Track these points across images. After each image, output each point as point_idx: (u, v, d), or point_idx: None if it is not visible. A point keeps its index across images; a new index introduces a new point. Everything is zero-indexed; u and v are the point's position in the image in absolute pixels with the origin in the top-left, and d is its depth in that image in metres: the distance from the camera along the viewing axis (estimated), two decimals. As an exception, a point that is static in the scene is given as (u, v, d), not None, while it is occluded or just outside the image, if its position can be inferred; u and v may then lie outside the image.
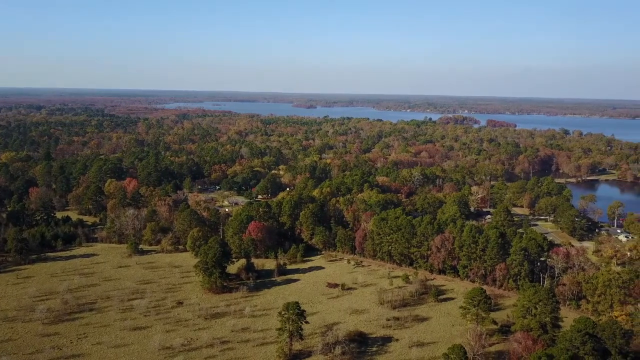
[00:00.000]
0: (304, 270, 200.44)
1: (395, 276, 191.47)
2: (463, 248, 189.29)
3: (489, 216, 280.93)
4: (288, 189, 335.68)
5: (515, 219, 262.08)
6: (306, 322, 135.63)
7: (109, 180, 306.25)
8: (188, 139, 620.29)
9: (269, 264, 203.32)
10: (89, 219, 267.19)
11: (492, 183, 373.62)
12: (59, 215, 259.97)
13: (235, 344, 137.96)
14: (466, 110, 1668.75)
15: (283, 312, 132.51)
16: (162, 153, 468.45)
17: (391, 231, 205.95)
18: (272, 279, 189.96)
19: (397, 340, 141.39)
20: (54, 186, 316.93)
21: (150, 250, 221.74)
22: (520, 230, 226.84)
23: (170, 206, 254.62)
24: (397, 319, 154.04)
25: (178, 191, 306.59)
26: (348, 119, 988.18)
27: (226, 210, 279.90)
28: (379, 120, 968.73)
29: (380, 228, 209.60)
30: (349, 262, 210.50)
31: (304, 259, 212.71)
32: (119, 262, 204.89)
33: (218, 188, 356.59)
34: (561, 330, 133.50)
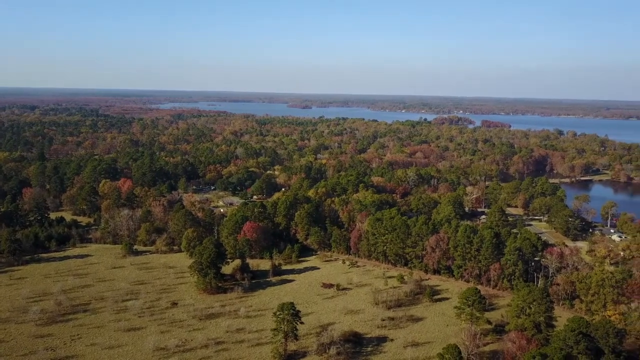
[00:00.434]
0: (299, 271, 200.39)
1: (390, 276, 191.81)
2: (458, 248, 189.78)
3: (484, 216, 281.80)
4: (283, 190, 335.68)
5: (510, 219, 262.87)
6: (301, 323, 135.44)
7: (104, 180, 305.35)
8: (183, 139, 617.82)
9: (264, 264, 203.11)
10: (83, 220, 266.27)
11: (487, 183, 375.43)
12: (52, 215, 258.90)
13: (230, 344, 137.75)
14: (461, 111, 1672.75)
15: (278, 313, 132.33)
16: (157, 153, 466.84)
17: (386, 231, 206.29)
18: (267, 279, 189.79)
19: (392, 340, 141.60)
20: (47, 186, 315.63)
21: (145, 251, 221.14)
22: (515, 230, 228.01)
23: (165, 207, 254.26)
24: (392, 319, 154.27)
25: (173, 191, 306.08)
26: (343, 119, 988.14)
27: (221, 210, 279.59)
28: (374, 120, 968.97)
29: (375, 228, 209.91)
30: (344, 263, 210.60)
31: (299, 259, 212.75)
32: (113, 263, 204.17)
33: (213, 188, 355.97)
34: (555, 329, 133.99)
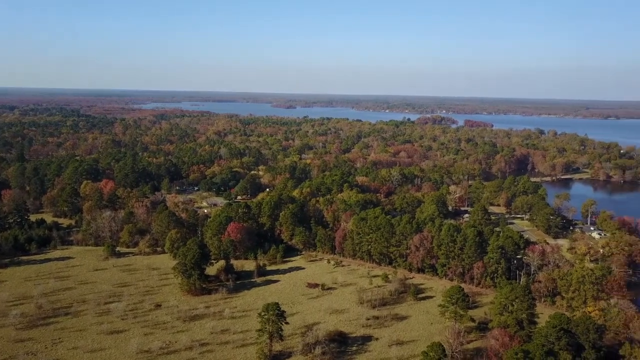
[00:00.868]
0: (284, 271, 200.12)
1: (375, 275, 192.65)
2: (441, 247, 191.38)
3: (467, 215, 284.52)
4: (268, 190, 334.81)
5: (492, 218, 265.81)
6: (286, 323, 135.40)
7: (85, 181, 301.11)
8: (166, 139, 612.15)
9: (249, 265, 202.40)
10: (64, 222, 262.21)
11: (470, 182, 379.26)
12: (33, 217, 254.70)
13: (214, 346, 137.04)
14: (444, 111, 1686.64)
15: (263, 313, 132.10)
16: (140, 154, 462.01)
17: (370, 231, 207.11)
18: (252, 280, 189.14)
19: (377, 339, 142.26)
20: (27, 188, 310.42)
21: (128, 253, 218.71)
22: (497, 228, 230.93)
23: (148, 208, 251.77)
24: (377, 318, 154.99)
25: (156, 192, 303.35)
26: (327, 119, 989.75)
27: (205, 211, 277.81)
28: (358, 120, 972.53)
29: (360, 228, 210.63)
30: (328, 262, 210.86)
31: (284, 259, 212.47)
32: (95, 265, 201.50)
33: (197, 189, 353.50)
34: (537, 326, 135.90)
